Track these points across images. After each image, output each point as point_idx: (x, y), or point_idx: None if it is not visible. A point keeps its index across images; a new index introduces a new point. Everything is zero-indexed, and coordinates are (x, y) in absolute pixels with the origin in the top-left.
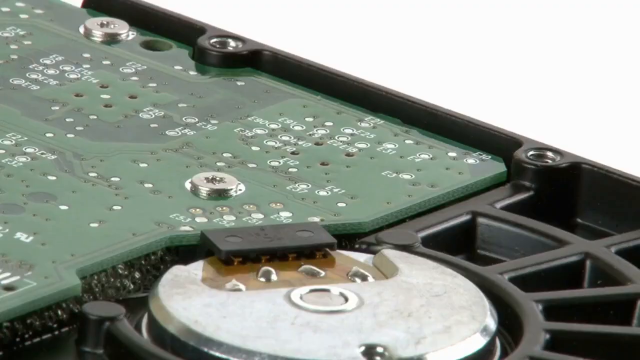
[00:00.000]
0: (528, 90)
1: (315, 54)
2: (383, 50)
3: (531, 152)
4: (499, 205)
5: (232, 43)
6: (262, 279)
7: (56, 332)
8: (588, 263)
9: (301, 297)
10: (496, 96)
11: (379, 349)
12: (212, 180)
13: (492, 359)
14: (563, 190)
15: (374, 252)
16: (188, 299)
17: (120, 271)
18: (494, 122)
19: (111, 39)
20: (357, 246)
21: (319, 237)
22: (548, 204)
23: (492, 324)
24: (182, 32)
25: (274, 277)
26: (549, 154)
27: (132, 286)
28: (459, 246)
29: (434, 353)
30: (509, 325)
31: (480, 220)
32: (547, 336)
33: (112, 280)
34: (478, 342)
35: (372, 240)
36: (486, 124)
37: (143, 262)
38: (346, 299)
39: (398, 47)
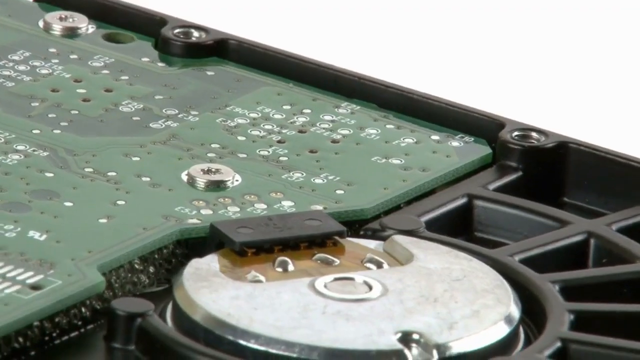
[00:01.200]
0: (504, 73)
1: (277, 42)
2: (349, 35)
3: (516, 133)
4: (491, 187)
5: (195, 33)
6: (279, 269)
7: (82, 330)
8: (592, 242)
9: (326, 286)
10: (470, 79)
11: (415, 336)
12: (209, 171)
13: (518, 341)
14: (550, 169)
15: (381, 239)
16: (215, 291)
17: (137, 266)
18: (470, 105)
19: (71, 33)
20: (362, 233)
21: (329, 226)
22: (536, 184)
23: (517, 307)
24: (143, 24)
25: (290, 267)
26: (534, 134)
27: (147, 281)
28: (456, 229)
29: (468, 338)
30: (528, 307)
31: (477, 202)
32: (571, 317)
33: (129, 275)
34: (508, 325)
35: (376, 226)
36: (466, 107)
37: (156, 256)
38: (370, 287)
39: (365, 31)
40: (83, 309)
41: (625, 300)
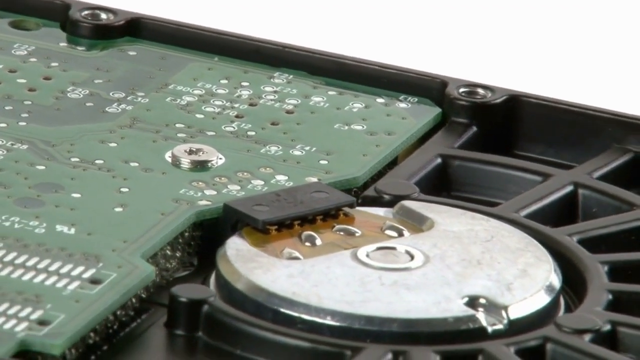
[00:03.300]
0: (422, 32)
1: (180, 17)
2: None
3: (462, 90)
4: (456, 144)
5: (103, 15)
6: (308, 244)
7: (137, 320)
8: (580, 193)
9: (369, 257)
10: (390, 39)
11: (482, 300)
12: (192, 151)
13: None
14: (503, 123)
15: (381, 205)
16: (268, 271)
17: (169, 252)
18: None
19: None
20: (359, 201)
21: (339, 197)
22: (490, 139)
23: (553, 261)
24: (45, 9)
25: (318, 241)
26: (480, 90)
27: (175, 266)
28: (437, 190)
29: (531, 297)
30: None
31: (451, 162)
32: (610, 296)
33: (162, 262)
34: (557, 279)
35: (372, 193)
36: (402, 68)
37: (180, 240)
38: (411, 255)
39: None
40: (134, 300)
41: None
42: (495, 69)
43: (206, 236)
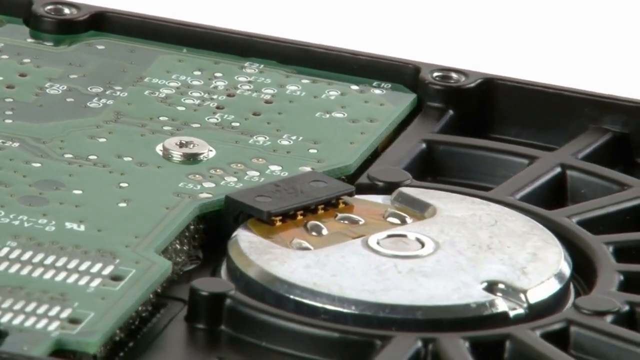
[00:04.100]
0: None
1: (147, 10)
2: None
3: (436, 74)
4: (436, 130)
5: (66, 10)
6: (314, 234)
7: (157, 315)
8: (568, 174)
9: (380, 245)
10: (351, 27)
11: (501, 285)
12: (184, 144)
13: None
14: (479, 107)
15: (377, 193)
16: (284, 263)
17: (178, 246)
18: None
19: None
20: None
21: (338, 186)
22: (467, 123)
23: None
24: (8, 4)
25: (324, 230)
26: (453, 75)
27: (184, 259)
28: (423, 175)
29: (548, 280)
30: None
31: (436, 147)
32: (621, 277)
33: (174, 256)
34: (567, 262)
35: (365, 180)
36: (372, 54)
37: (187, 234)
38: (421, 242)
39: None
40: (151, 295)
41: None
42: (463, 53)
43: (208, 228)
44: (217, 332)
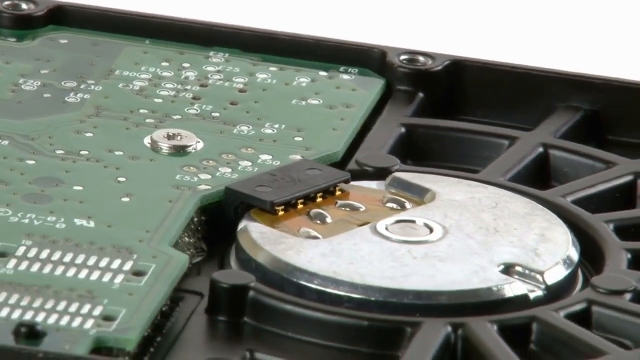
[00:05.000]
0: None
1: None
2: None
3: (403, 57)
4: (409, 112)
5: (24, 5)
6: (318, 222)
7: (177, 309)
8: (550, 153)
9: (390, 232)
10: (305, 13)
11: (518, 268)
12: (172, 136)
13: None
14: (448, 89)
15: (366, 178)
16: (300, 252)
17: (186, 239)
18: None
19: None
20: None
21: (334, 173)
22: (438, 105)
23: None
24: None
25: (328, 219)
26: (420, 58)
27: (192, 252)
28: (403, 159)
29: (562, 261)
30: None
31: (415, 130)
32: (629, 255)
33: (184, 249)
34: (576, 241)
35: (354, 166)
36: (335, 40)
37: (192, 226)
38: (429, 227)
39: None
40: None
41: None
42: (422, 36)
43: (208, 220)
44: (240, 324)
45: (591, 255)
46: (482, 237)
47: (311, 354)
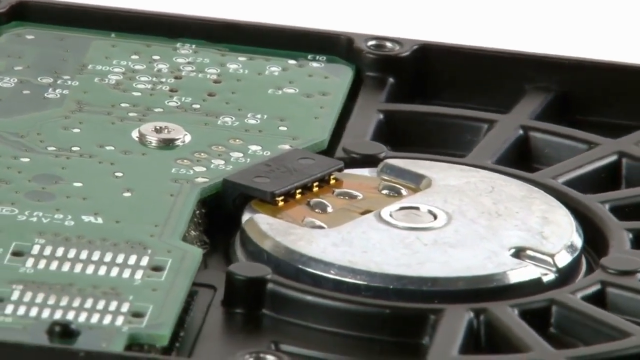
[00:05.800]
0: None
1: None
2: None
3: (370, 44)
4: (382, 99)
5: None
6: (319, 211)
7: (193, 303)
8: (531, 135)
9: (395, 219)
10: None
11: (529, 252)
12: (159, 130)
13: None
14: (418, 74)
15: (354, 166)
16: (311, 242)
17: (192, 232)
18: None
19: None
20: None
21: (328, 162)
22: (409, 90)
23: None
24: None
25: (329, 208)
26: (388, 44)
27: (199, 244)
28: (384, 145)
29: (569, 243)
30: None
31: (394, 116)
32: (630, 235)
33: (193, 242)
34: (577, 222)
35: (342, 154)
36: (299, 28)
37: (195, 219)
38: (432, 213)
39: None
40: None
41: None
42: (384, 22)
43: (211, 213)
44: (259, 316)
45: (592, 237)
46: (486, 221)
47: (334, 343)
